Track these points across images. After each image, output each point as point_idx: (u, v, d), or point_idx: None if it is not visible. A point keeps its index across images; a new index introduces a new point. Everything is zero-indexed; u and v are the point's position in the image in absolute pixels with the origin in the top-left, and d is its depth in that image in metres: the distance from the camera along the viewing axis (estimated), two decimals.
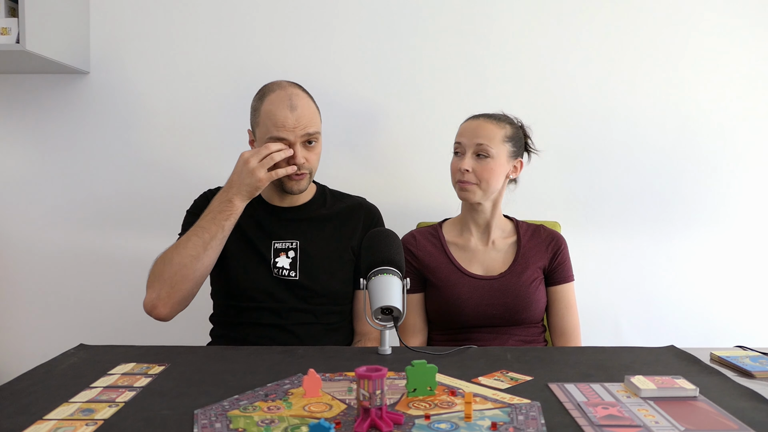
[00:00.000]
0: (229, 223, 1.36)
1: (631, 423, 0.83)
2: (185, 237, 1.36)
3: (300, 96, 1.42)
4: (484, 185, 1.47)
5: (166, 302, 1.34)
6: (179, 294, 1.34)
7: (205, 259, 1.35)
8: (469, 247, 1.55)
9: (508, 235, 1.57)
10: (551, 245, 1.55)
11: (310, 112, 1.42)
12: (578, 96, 1.98)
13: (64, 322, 2.03)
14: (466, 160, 1.47)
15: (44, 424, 0.83)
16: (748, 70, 1.97)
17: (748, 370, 1.06)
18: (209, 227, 1.34)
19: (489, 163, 1.46)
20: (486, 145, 1.46)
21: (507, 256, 1.54)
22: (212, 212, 1.36)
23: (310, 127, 1.41)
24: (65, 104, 1.99)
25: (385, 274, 1.15)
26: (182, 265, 1.33)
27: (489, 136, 1.47)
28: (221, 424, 0.83)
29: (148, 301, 1.35)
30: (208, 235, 1.34)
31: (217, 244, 1.36)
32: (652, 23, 1.96)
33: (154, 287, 1.34)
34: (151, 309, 1.35)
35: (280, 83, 1.45)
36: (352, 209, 1.56)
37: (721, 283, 2.01)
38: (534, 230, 1.58)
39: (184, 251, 1.33)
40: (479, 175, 1.46)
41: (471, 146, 1.47)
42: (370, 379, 0.82)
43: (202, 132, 1.98)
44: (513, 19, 1.97)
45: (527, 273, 1.50)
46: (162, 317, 1.36)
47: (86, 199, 2.01)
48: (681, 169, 1.99)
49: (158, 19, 1.97)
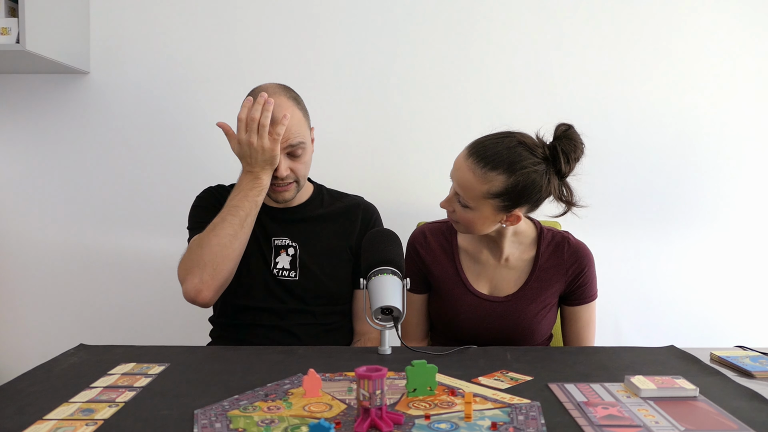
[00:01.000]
0: (260, 198, 1.37)
1: (631, 423, 0.83)
2: (219, 219, 1.35)
3: (282, 106, 1.37)
4: (466, 230, 1.32)
5: (210, 285, 1.32)
6: (222, 275, 1.33)
7: (242, 236, 1.35)
8: (481, 259, 1.40)
9: (526, 249, 1.39)
10: (572, 269, 1.37)
11: (293, 122, 1.38)
12: (578, 96, 1.98)
13: (64, 322, 2.03)
14: (447, 198, 1.32)
15: (44, 424, 0.83)
16: (748, 70, 1.97)
17: (748, 370, 1.06)
18: (242, 205, 1.35)
19: (468, 213, 1.27)
20: (463, 198, 1.26)
21: (520, 275, 1.38)
22: (243, 191, 1.36)
23: (293, 138, 1.38)
24: (65, 104, 1.99)
25: (385, 274, 1.15)
26: (222, 245, 1.32)
27: (467, 188, 1.24)
28: (221, 424, 0.83)
29: (190, 287, 1.32)
30: (243, 213, 1.35)
31: (252, 221, 1.37)
32: (652, 23, 1.96)
33: (195, 273, 1.32)
34: (196, 295, 1.32)
35: (266, 87, 1.41)
36: (350, 208, 1.56)
37: (721, 283, 2.01)
38: (557, 246, 1.39)
39: (222, 231, 1.33)
40: (460, 219, 1.30)
41: (453, 187, 1.30)
42: (370, 379, 0.82)
43: (202, 132, 1.98)
44: (513, 19, 1.97)
45: (537, 300, 1.37)
46: (206, 302, 1.34)
47: (86, 199, 2.01)
48: (681, 170, 1.99)
49: (158, 19, 1.97)
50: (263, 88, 1.42)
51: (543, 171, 1.25)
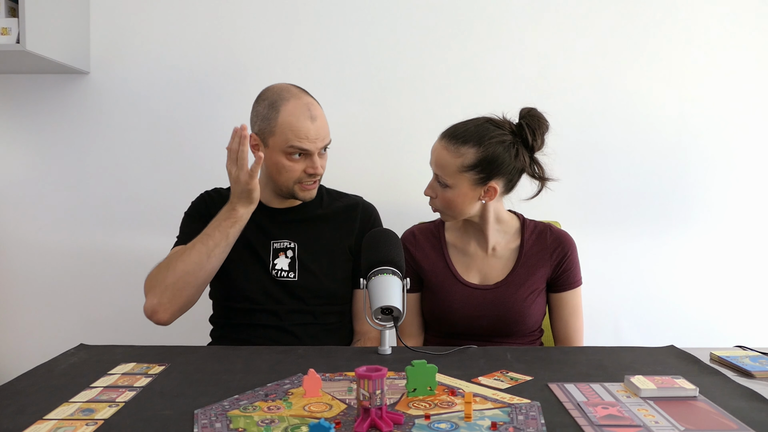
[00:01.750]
0: (233, 230, 1.35)
1: (631, 423, 0.83)
2: (191, 244, 1.35)
3: (316, 106, 1.43)
4: (450, 212, 1.41)
5: (167, 308, 1.34)
6: (181, 300, 1.34)
7: (208, 266, 1.35)
8: (469, 251, 1.47)
9: (511, 239, 1.47)
10: (556, 252, 1.44)
11: (326, 121, 1.44)
12: (578, 96, 1.98)
13: (64, 322, 2.03)
14: (429, 184, 1.42)
15: (44, 424, 0.83)
16: (748, 70, 1.97)
17: (748, 370, 1.06)
18: (213, 234, 1.34)
19: (448, 192, 1.37)
20: (441, 176, 1.37)
21: (507, 263, 1.45)
22: (218, 220, 1.36)
23: (327, 137, 1.44)
24: (65, 104, 1.99)
25: (385, 274, 1.15)
26: (186, 272, 1.33)
27: (443, 165, 1.36)
28: (221, 424, 0.83)
29: (148, 306, 1.34)
30: (212, 243, 1.34)
31: (221, 252, 1.35)
32: (652, 23, 1.96)
33: (155, 293, 1.33)
34: (152, 314, 1.34)
35: (290, 90, 1.43)
36: (349, 208, 1.56)
37: (721, 283, 2.01)
38: (540, 233, 1.47)
39: (188, 258, 1.33)
40: (442, 203, 1.40)
41: (433, 172, 1.41)
42: (370, 379, 0.82)
43: (202, 132, 1.98)
44: (513, 19, 1.97)
45: (525, 285, 1.43)
46: (162, 322, 1.35)
47: (86, 199, 2.01)
48: (681, 170, 1.99)
49: (158, 19, 1.97)
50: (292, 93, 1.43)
51: (510, 141, 1.36)
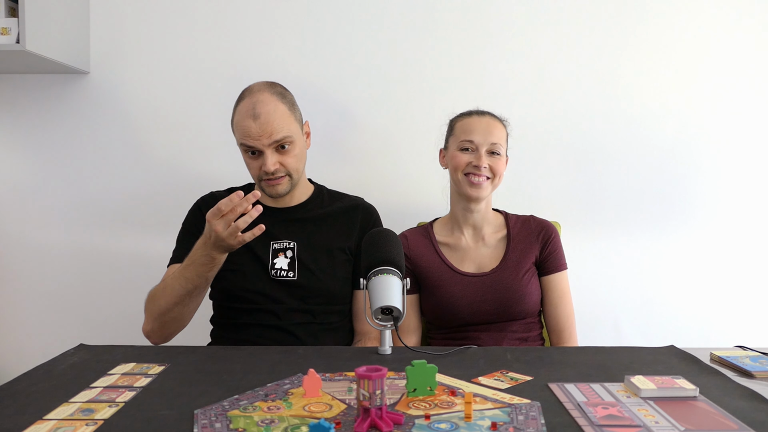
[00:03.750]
0: (212, 273, 1.34)
1: (631, 423, 0.83)
2: (171, 280, 1.35)
3: (265, 102, 1.40)
4: (496, 181, 1.53)
5: (158, 335, 1.42)
6: (168, 330, 1.42)
7: (191, 304, 1.38)
8: (460, 245, 1.56)
9: (498, 229, 1.59)
10: (541, 235, 1.56)
11: (276, 117, 1.40)
12: (578, 96, 1.97)
13: (64, 322, 2.03)
14: (482, 156, 1.50)
15: (44, 424, 0.83)
16: (748, 70, 1.97)
17: (748, 370, 1.06)
18: (193, 278, 1.32)
19: (499, 160, 1.52)
20: (498, 144, 1.52)
21: (497, 251, 1.55)
22: (195, 264, 1.31)
23: (277, 133, 1.40)
24: (65, 104, 1.99)
25: (384, 274, 1.15)
26: (168, 309, 1.36)
27: (499, 135, 1.53)
28: (221, 424, 0.83)
29: (144, 329, 1.43)
30: (192, 286, 1.33)
31: (201, 292, 1.37)
32: (652, 23, 1.96)
33: (147, 320, 1.41)
34: (147, 336, 1.43)
35: (251, 88, 1.45)
36: (350, 209, 1.56)
37: (721, 283, 2.00)
38: (524, 222, 1.59)
39: (170, 298, 1.35)
40: (494, 170, 1.51)
41: (485, 144, 1.50)
42: (370, 379, 0.82)
43: (202, 132, 1.98)
44: (512, 17, 1.96)
45: (519, 266, 1.52)
46: (157, 343, 1.43)
47: (86, 199, 2.01)
48: (681, 169, 1.99)
49: (158, 19, 1.97)
50: (251, 91, 1.45)
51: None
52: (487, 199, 1.55)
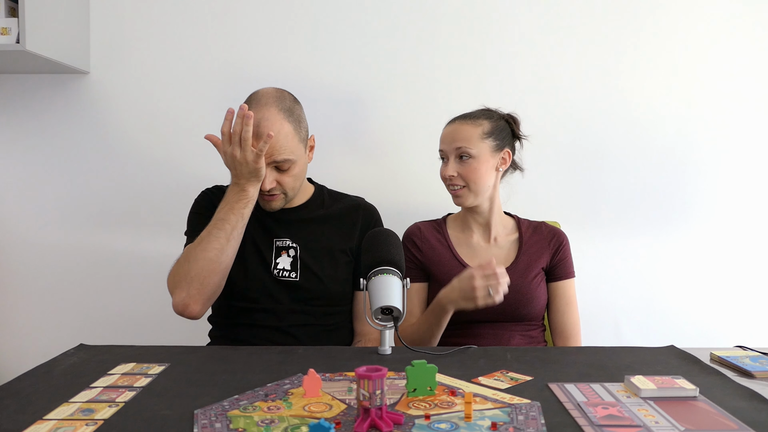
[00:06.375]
0: (247, 210, 1.36)
1: (631, 423, 0.83)
2: (206, 232, 1.35)
3: (270, 122, 1.36)
4: (472, 186, 1.50)
5: (197, 299, 1.33)
6: (209, 288, 1.34)
7: (230, 249, 1.35)
8: (472, 243, 1.58)
9: (510, 232, 1.60)
10: (553, 241, 1.57)
11: (279, 138, 1.36)
12: (578, 96, 1.98)
13: (64, 322, 2.03)
14: (449, 165, 1.51)
15: (44, 424, 0.83)
16: (748, 70, 1.97)
17: (748, 370, 1.06)
18: (229, 218, 1.34)
19: (471, 163, 1.49)
20: (465, 147, 1.48)
21: (509, 252, 1.56)
22: (229, 203, 1.36)
23: (278, 155, 1.38)
24: (65, 104, 1.99)
25: (385, 274, 1.15)
26: (209, 259, 1.33)
27: (466, 137, 1.49)
28: (221, 424, 0.83)
29: (178, 301, 1.33)
30: (230, 226, 1.34)
31: (239, 234, 1.37)
32: (652, 23, 1.96)
33: (182, 287, 1.33)
34: (183, 309, 1.34)
35: (259, 100, 1.40)
36: (351, 209, 1.56)
37: (721, 283, 2.01)
38: (535, 227, 1.60)
39: (209, 245, 1.33)
40: (465, 177, 1.49)
41: (452, 151, 1.51)
42: (370, 379, 0.82)
43: (202, 132, 1.96)
44: (514, 18, 1.97)
45: (529, 269, 1.53)
46: (194, 315, 1.35)
47: (86, 199, 2.01)
48: (681, 169, 1.99)
49: (158, 19, 1.97)
50: (259, 94, 1.42)
51: (505, 122, 1.57)
52: (488, 200, 1.54)
